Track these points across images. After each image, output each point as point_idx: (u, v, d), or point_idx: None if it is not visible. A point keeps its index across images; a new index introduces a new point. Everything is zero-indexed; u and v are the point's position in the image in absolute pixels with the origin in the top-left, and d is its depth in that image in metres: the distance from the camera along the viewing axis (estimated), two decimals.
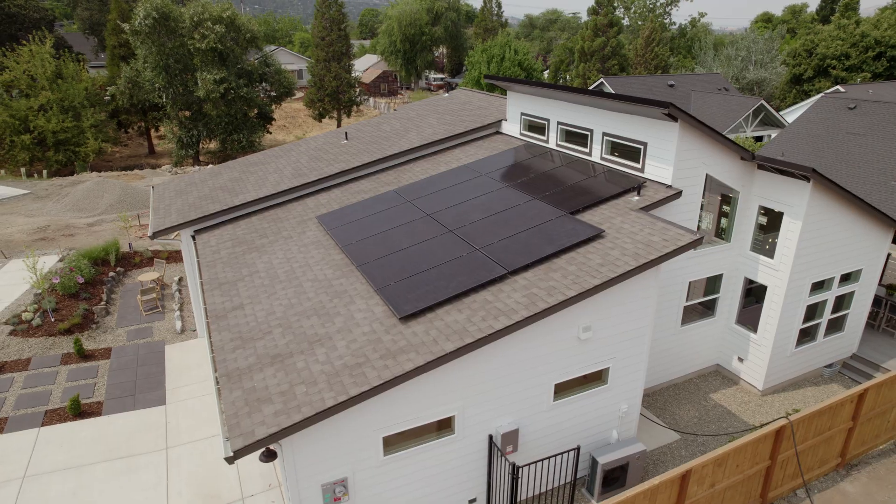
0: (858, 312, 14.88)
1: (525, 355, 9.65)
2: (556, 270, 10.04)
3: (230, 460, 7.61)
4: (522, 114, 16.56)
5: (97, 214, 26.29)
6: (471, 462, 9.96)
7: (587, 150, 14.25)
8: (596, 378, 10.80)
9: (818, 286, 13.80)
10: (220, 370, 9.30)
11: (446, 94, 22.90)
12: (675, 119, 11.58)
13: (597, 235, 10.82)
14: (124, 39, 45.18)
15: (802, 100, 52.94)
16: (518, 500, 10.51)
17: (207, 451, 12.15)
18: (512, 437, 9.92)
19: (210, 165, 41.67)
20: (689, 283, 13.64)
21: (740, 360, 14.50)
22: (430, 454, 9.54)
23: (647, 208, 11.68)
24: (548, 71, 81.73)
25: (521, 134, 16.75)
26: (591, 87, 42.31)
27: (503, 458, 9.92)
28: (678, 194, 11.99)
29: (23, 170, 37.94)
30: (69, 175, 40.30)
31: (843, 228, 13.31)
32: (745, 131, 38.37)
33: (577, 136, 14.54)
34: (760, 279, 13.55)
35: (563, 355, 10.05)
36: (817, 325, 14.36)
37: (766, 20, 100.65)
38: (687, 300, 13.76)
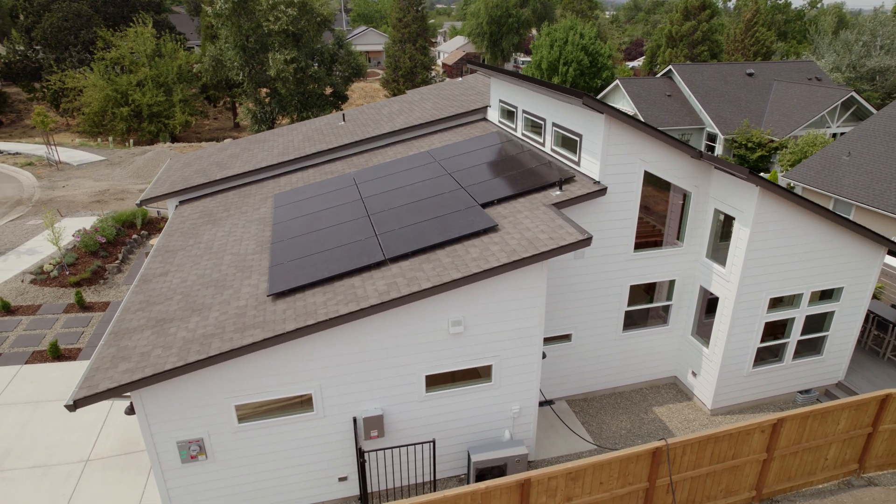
0: (842, 336, 13.19)
1: (385, 343, 9.66)
2: (432, 261, 9.91)
3: (70, 408, 8.42)
4: (500, 101, 16.15)
5: (151, 181, 28.97)
6: (337, 441, 10.20)
7: (542, 141, 13.69)
8: (478, 375, 10.56)
9: (782, 302, 12.42)
10: (113, 328, 10.19)
11: (460, 79, 22.69)
12: (599, 111, 10.85)
13: (490, 229, 10.50)
14: (209, 21, 48.70)
15: None
16: (378, 487, 10.63)
17: None
18: (376, 423, 10.03)
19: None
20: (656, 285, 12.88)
21: (694, 374, 13.43)
22: (292, 428, 9.88)
23: (563, 203, 11.11)
24: (643, 57, 77.50)
25: (499, 121, 16.36)
26: (659, 75, 39.73)
27: (367, 440, 10.07)
28: (602, 191, 11.27)
29: (110, 138, 42.32)
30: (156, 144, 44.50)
31: (814, 241, 11.83)
32: (829, 126, 34.41)
33: (536, 126, 13.99)
34: (714, 289, 12.43)
35: (432, 347, 9.93)
36: (783, 346, 12.93)
37: None
38: (641, 305, 12.97)
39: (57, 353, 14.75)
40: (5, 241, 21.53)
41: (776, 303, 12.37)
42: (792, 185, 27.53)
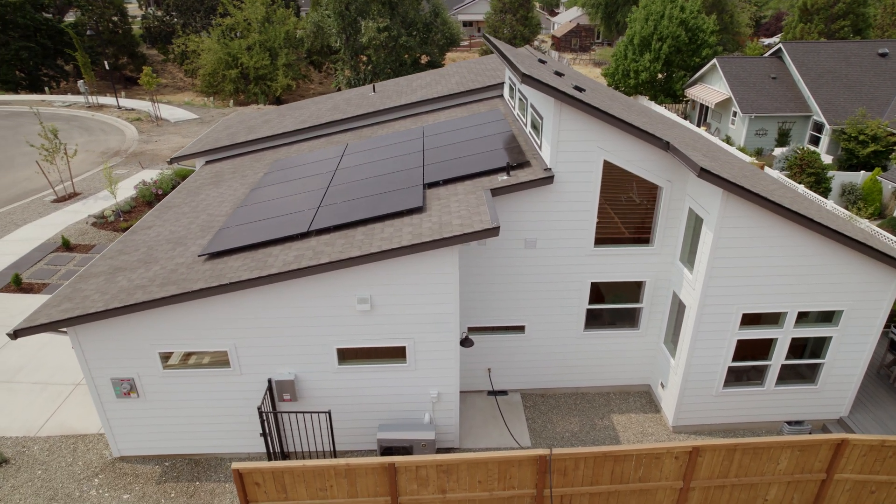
0: (844, 366, 11.42)
1: (295, 312, 9.94)
2: (348, 237, 9.96)
3: (11, 336, 9.66)
4: (509, 77, 15.50)
5: None
6: (256, 399, 10.74)
7: (525, 121, 13.03)
8: (393, 355, 10.52)
9: (760, 319, 10.98)
10: (82, 271, 11.44)
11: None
12: (544, 92, 10.10)
13: (415, 209, 10.30)
14: None
15: None
16: (288, 448, 11.08)
17: None
18: (287, 386, 10.44)
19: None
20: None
21: (662, 385, 12.37)
22: (212, 380, 10.56)
23: (506, 189, 10.60)
24: (780, 34, 69.24)
25: (508, 99, 15.75)
26: (766, 54, 35.37)
27: (281, 402, 10.55)
28: (548, 179, 10.57)
29: (211, 99, 45.98)
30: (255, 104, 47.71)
31: (801, 255, 10.27)
32: None
33: (524, 105, 13.31)
34: (683, 296, 11.28)
35: (343, 322, 10.06)
36: (764, 368, 11.47)
37: None
38: (607, 304, 12.16)
39: None
40: (91, 186, 24.55)
41: (754, 319, 10.97)
42: (893, 187, 23.73)
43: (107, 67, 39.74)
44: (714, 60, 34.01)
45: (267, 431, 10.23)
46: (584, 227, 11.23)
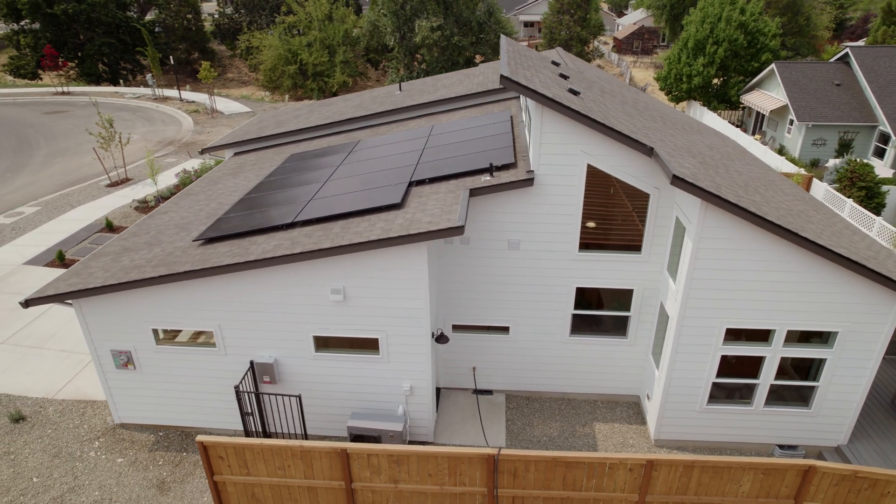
0: (841, 391, 10.77)
1: (274, 299, 10.41)
2: (326, 230, 10.33)
3: (23, 305, 10.63)
4: None
5: None
6: (241, 378, 11.31)
7: (525, 122, 13.02)
8: (366, 346, 10.81)
9: (749, 336, 10.54)
10: (98, 250, 12.39)
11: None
12: (525, 94, 10.10)
13: (393, 206, 10.54)
14: None
15: None
16: (269, 428, 11.56)
17: None
18: (267, 369, 10.94)
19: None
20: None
21: (648, 397, 12.08)
22: (200, 358, 11.21)
23: (486, 190, 10.67)
24: (866, 37, 64.85)
25: (521, 99, 15.71)
26: (833, 59, 33.22)
27: (263, 384, 11.07)
28: (528, 181, 10.55)
29: (267, 94, 47.79)
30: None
31: (791, 272, 9.79)
32: None
33: (526, 106, 13.30)
34: (668, 306, 10.99)
35: (318, 311, 10.44)
36: (752, 387, 10.99)
37: None
38: (594, 310, 12.02)
39: None
40: (142, 173, 26.26)
41: (741, 335, 10.54)
42: None
43: (171, 62, 42.20)
44: (772, 65, 32.37)
45: (245, 411, 10.77)
46: (568, 231, 11.13)
